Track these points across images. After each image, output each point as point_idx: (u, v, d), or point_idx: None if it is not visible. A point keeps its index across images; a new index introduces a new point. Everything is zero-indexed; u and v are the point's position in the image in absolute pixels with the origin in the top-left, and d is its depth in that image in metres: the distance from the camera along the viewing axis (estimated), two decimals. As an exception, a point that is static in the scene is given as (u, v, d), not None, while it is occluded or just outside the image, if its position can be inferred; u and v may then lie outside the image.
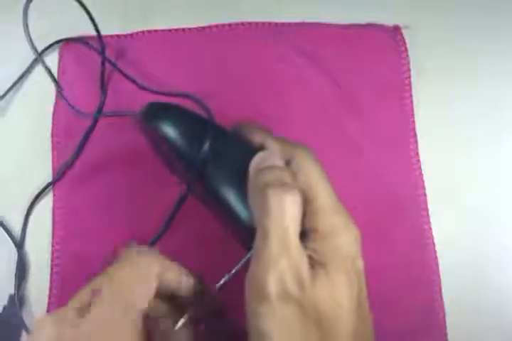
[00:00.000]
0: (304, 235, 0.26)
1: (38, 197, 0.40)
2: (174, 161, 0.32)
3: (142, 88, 0.39)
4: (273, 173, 0.27)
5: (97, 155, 0.40)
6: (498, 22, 0.43)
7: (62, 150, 0.40)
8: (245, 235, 0.28)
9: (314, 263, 0.25)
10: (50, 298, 0.38)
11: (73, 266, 0.39)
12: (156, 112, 0.30)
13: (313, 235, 0.26)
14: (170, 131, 0.29)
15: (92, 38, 0.42)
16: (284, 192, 0.25)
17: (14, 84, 0.42)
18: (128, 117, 0.40)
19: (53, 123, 0.41)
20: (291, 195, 0.25)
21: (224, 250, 0.32)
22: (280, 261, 0.24)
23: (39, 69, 0.43)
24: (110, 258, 0.28)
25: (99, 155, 0.40)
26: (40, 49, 0.42)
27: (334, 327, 0.24)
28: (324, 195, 0.27)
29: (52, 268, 0.39)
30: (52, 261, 0.39)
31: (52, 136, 0.41)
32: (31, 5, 0.40)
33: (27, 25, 0.41)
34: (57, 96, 0.42)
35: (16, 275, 0.38)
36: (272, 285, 0.24)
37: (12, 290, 0.38)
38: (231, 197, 0.28)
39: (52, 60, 0.43)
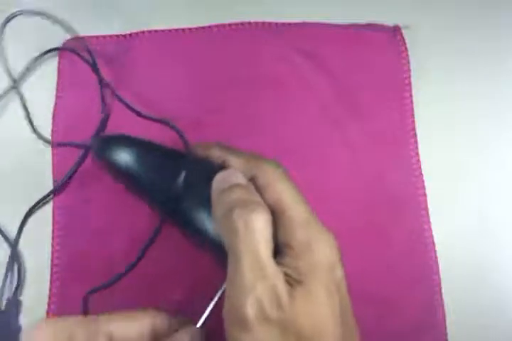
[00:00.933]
0: (279, 250, 0.25)
1: (40, 202, 0.40)
2: (138, 191, 0.32)
3: (134, 112, 0.38)
4: (235, 193, 0.26)
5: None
6: (498, 22, 0.43)
7: (62, 152, 0.40)
8: (221, 257, 0.27)
9: (291, 280, 0.24)
10: (50, 298, 0.38)
11: (73, 266, 0.39)
12: (104, 147, 0.31)
13: (288, 250, 0.25)
14: (123, 164, 0.30)
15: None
16: (249, 212, 0.24)
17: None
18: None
19: (53, 125, 0.41)
20: (257, 213, 0.24)
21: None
22: (256, 285, 0.23)
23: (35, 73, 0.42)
24: None
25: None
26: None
27: None
28: (295, 208, 0.26)
29: (52, 269, 0.39)
30: (52, 261, 0.39)
31: (52, 137, 0.41)
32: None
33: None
34: (56, 102, 0.41)
35: (5, 277, 0.38)
36: (251, 312, 0.23)
37: (9, 294, 0.38)
38: (201, 221, 0.28)
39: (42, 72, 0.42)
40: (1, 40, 0.39)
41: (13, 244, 0.39)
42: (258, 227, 0.24)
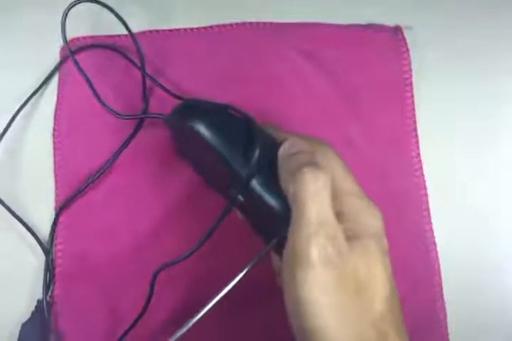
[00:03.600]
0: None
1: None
2: (214, 167, 0.31)
3: (176, 97, 0.37)
4: (305, 156, 0.28)
5: (100, 157, 0.40)
6: (498, 22, 0.43)
7: (64, 152, 0.41)
8: (274, 224, 0.28)
9: (348, 237, 0.26)
10: (52, 298, 0.38)
11: (76, 266, 0.39)
12: (192, 112, 0.30)
13: (340, 216, 0.27)
14: (209, 132, 0.29)
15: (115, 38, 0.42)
16: (318, 171, 0.26)
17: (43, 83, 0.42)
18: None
19: (55, 128, 0.41)
20: (324, 173, 0.26)
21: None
22: (320, 231, 0.25)
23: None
24: None
25: (102, 157, 0.40)
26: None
27: (372, 295, 0.26)
28: (348, 183, 0.28)
29: (54, 268, 0.39)
30: (54, 261, 0.39)
31: (54, 135, 0.41)
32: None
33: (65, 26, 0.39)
34: (58, 100, 0.41)
35: (44, 281, 0.38)
36: (315, 253, 0.25)
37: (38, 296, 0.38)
38: (261, 187, 0.28)
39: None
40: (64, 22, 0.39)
41: (47, 250, 0.39)
42: (324, 185, 0.26)
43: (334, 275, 0.25)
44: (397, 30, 0.42)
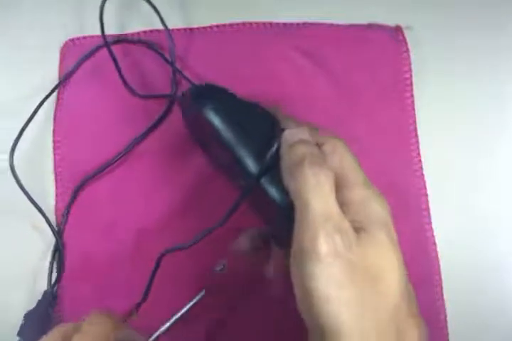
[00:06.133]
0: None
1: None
2: (222, 155, 0.31)
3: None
4: (305, 147, 0.28)
5: (100, 157, 0.40)
6: (498, 22, 0.43)
7: (64, 149, 0.41)
8: (276, 215, 0.28)
9: (356, 229, 0.26)
10: (58, 289, 0.39)
11: (78, 264, 0.39)
12: (205, 96, 0.29)
13: (347, 207, 0.27)
14: (217, 119, 0.28)
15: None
16: (319, 166, 0.26)
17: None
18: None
19: (55, 129, 0.41)
20: (326, 169, 0.26)
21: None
22: (326, 225, 0.25)
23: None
24: None
25: (102, 156, 0.40)
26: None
27: (386, 285, 0.25)
28: (355, 173, 0.28)
29: (63, 261, 0.39)
30: (64, 254, 0.39)
31: (53, 135, 0.41)
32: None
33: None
34: (58, 100, 0.42)
35: (49, 270, 0.39)
36: (323, 247, 0.24)
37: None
38: (268, 182, 0.28)
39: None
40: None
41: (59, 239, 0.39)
42: (326, 179, 0.26)
43: (345, 268, 0.24)
44: (397, 30, 0.42)
